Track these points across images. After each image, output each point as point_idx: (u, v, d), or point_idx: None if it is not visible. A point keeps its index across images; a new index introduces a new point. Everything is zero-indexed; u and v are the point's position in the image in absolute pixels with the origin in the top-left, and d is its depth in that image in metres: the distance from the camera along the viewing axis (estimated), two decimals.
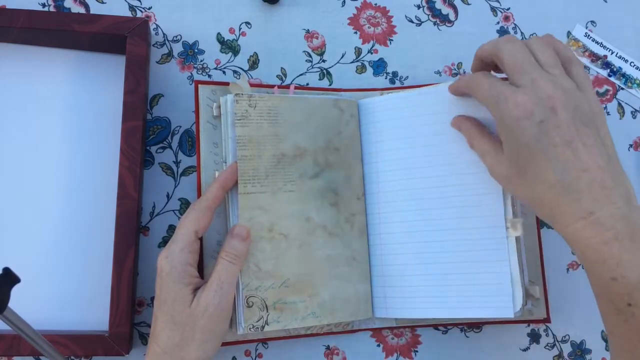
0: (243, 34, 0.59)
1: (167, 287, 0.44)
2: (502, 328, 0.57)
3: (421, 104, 0.52)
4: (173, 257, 0.45)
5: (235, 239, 0.47)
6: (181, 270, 0.45)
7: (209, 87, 0.52)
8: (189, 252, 0.45)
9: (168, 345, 0.44)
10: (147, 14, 0.58)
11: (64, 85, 0.55)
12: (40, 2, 0.56)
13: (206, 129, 0.51)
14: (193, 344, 0.44)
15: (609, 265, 0.38)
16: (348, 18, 0.61)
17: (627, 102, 0.63)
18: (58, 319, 0.52)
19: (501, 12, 0.63)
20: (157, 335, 0.44)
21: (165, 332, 0.44)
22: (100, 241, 0.52)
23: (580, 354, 0.58)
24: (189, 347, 0.44)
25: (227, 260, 0.46)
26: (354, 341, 0.56)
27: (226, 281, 0.45)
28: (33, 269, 0.52)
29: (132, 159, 0.50)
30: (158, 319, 0.45)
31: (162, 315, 0.44)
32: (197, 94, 0.51)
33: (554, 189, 0.39)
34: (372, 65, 0.60)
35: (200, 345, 0.44)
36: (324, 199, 0.51)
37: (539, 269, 0.54)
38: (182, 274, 0.45)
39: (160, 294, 0.45)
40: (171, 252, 0.45)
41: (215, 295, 0.44)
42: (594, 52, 0.63)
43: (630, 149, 0.62)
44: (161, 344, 0.44)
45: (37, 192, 0.53)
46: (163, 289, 0.45)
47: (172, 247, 0.45)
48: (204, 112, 0.51)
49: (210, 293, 0.44)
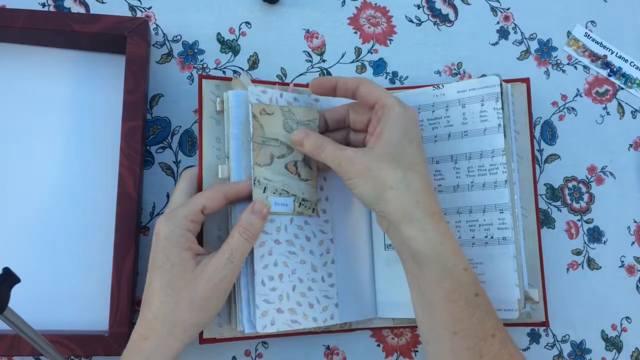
0: (243, 34, 0.59)
1: (165, 251, 0.43)
2: None
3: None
4: (174, 221, 0.44)
5: (255, 215, 0.46)
6: (181, 234, 0.44)
7: (213, 82, 0.52)
8: (192, 221, 0.45)
9: (160, 311, 0.43)
10: (147, 14, 0.58)
11: (64, 85, 0.55)
12: (40, 2, 0.56)
13: (209, 123, 0.51)
14: (188, 310, 0.43)
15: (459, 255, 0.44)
16: (348, 18, 0.61)
17: (627, 102, 0.63)
18: (58, 319, 0.52)
19: (501, 12, 0.63)
20: (150, 301, 0.43)
21: (159, 297, 0.43)
22: (100, 241, 0.52)
23: (580, 354, 0.58)
24: (183, 313, 0.43)
25: (243, 236, 0.45)
26: (354, 341, 0.56)
27: (237, 256, 0.44)
28: (33, 269, 0.52)
29: (132, 159, 0.50)
30: (152, 284, 0.44)
31: (158, 280, 0.43)
32: (200, 89, 0.51)
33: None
34: (372, 65, 0.60)
35: (196, 312, 0.43)
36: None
37: (538, 273, 0.54)
38: (182, 238, 0.44)
39: (156, 258, 0.44)
40: (173, 216, 0.44)
41: (224, 267, 0.43)
42: (594, 52, 0.63)
43: (630, 149, 0.62)
44: (153, 309, 0.43)
45: (37, 192, 0.53)
46: (160, 253, 0.44)
47: (174, 212, 0.44)
48: (207, 106, 0.51)
49: (221, 263, 0.43)
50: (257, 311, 0.47)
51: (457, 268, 0.43)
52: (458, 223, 0.52)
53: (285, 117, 0.50)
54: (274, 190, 0.49)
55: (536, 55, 0.63)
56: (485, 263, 0.51)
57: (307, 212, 0.50)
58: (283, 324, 0.48)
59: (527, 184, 0.55)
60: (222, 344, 0.52)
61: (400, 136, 0.45)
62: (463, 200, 0.52)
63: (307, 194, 0.50)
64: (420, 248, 0.43)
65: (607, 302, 0.59)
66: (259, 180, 0.48)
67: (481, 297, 0.43)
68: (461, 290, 0.42)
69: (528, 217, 0.54)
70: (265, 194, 0.48)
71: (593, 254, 0.60)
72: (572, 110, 0.62)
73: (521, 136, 0.55)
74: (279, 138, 0.49)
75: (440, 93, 0.53)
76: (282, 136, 0.50)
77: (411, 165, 0.45)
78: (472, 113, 0.52)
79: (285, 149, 0.50)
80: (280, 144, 0.50)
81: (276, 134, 0.49)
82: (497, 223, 0.50)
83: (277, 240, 0.48)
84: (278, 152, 0.49)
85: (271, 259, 0.48)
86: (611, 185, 0.61)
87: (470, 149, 0.52)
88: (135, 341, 0.43)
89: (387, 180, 0.44)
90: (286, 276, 0.48)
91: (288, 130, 0.50)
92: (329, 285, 0.50)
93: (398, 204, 0.44)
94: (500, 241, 0.50)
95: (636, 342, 0.59)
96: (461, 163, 0.52)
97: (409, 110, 0.46)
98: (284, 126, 0.50)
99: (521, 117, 0.56)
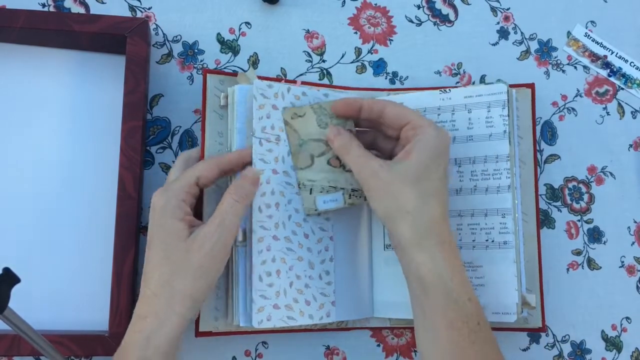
0: (243, 34, 0.59)
1: (160, 222, 0.43)
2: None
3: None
4: (169, 193, 0.44)
5: (244, 180, 0.46)
6: (175, 205, 0.44)
7: (217, 77, 0.52)
8: (187, 192, 0.45)
9: (159, 285, 0.42)
10: (147, 14, 0.58)
11: (64, 85, 0.55)
12: (40, 2, 0.56)
13: (212, 118, 0.51)
14: (184, 279, 0.42)
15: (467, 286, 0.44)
16: (348, 18, 0.61)
17: (627, 102, 0.63)
18: (58, 319, 0.52)
19: (501, 12, 0.63)
20: (149, 278, 0.43)
21: (156, 271, 0.43)
22: (100, 241, 0.52)
23: (580, 354, 0.58)
24: (180, 283, 0.42)
25: (233, 198, 0.45)
26: (353, 341, 0.56)
27: (228, 218, 0.44)
28: (33, 269, 0.52)
29: (132, 159, 0.50)
30: (150, 259, 0.44)
31: (155, 254, 0.43)
32: (205, 83, 0.52)
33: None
34: (372, 65, 0.60)
35: (192, 282, 0.42)
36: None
37: (536, 278, 0.54)
38: (176, 209, 0.44)
39: (153, 232, 0.44)
40: (168, 188, 0.45)
41: (215, 232, 0.43)
42: (594, 52, 0.63)
43: (630, 149, 0.62)
44: (152, 285, 0.43)
45: (37, 192, 0.53)
46: (156, 225, 0.44)
47: (169, 185, 0.45)
48: (211, 101, 0.51)
49: (211, 228, 0.43)
50: (254, 306, 0.47)
51: (462, 298, 0.43)
52: (459, 226, 0.52)
53: (318, 115, 0.50)
54: (320, 189, 0.49)
55: (536, 56, 0.63)
56: (485, 266, 0.51)
57: (358, 201, 0.50)
58: (279, 320, 0.48)
59: (529, 189, 0.55)
60: (222, 344, 0.52)
61: (429, 160, 0.44)
62: (465, 203, 0.52)
63: (356, 184, 0.49)
64: (427, 274, 0.43)
65: (607, 302, 0.59)
66: (303, 184, 0.49)
67: (483, 326, 0.43)
68: (464, 319, 0.42)
69: (529, 222, 0.54)
70: (312, 195, 0.49)
71: (593, 254, 0.60)
72: (572, 111, 0.62)
73: (524, 141, 0.56)
74: (314, 137, 0.50)
75: (447, 97, 0.53)
76: (318, 134, 0.50)
77: (433, 192, 0.44)
78: (478, 118, 0.52)
79: (324, 145, 0.50)
80: (317, 142, 0.50)
81: (312, 133, 0.50)
82: (498, 227, 0.50)
83: (275, 237, 0.48)
84: (317, 151, 0.49)
85: (269, 254, 0.48)
86: (611, 186, 0.61)
87: (475, 153, 0.52)
88: (135, 322, 0.43)
89: (406, 204, 0.43)
90: (283, 272, 0.49)
91: (323, 127, 0.50)
92: (326, 283, 0.50)
93: (412, 229, 0.43)
94: (501, 245, 0.50)
95: (636, 342, 0.59)
96: (465, 167, 0.52)
97: (443, 134, 0.46)
98: (318, 123, 0.50)
99: (525, 122, 0.56)
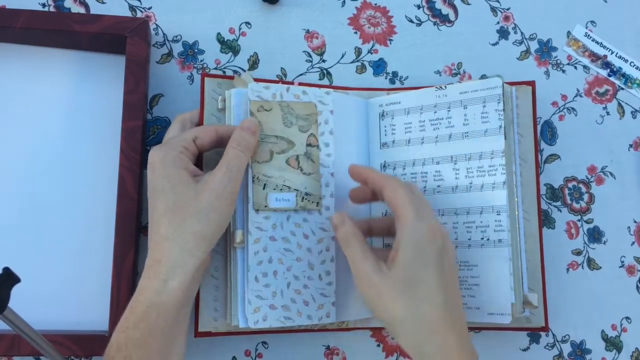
0: (243, 34, 0.59)
1: (163, 173, 0.43)
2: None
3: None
4: (167, 147, 0.44)
5: (245, 131, 0.46)
6: (175, 156, 0.44)
7: (215, 80, 0.52)
8: (185, 148, 0.45)
9: (170, 229, 0.42)
10: (147, 14, 0.58)
11: (64, 85, 0.55)
12: (40, 2, 0.56)
13: (210, 121, 0.51)
14: (196, 221, 0.42)
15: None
16: (348, 18, 0.61)
17: (627, 102, 0.63)
18: (58, 319, 0.52)
19: (501, 12, 0.63)
20: (157, 224, 0.43)
21: (166, 217, 0.42)
22: (100, 241, 0.52)
23: (580, 354, 0.58)
24: (192, 226, 0.42)
25: (237, 149, 0.45)
26: (353, 341, 0.56)
27: (235, 167, 0.44)
28: (33, 268, 0.52)
29: (132, 159, 0.50)
30: (157, 207, 0.43)
31: (162, 202, 0.43)
32: (203, 86, 0.52)
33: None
34: (372, 65, 0.60)
35: (204, 222, 0.42)
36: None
37: (539, 277, 0.54)
38: (177, 159, 0.44)
39: (155, 184, 0.43)
40: (165, 144, 0.45)
41: (223, 178, 0.43)
42: (594, 52, 0.63)
43: (630, 149, 0.62)
44: (162, 230, 0.42)
45: (37, 192, 0.53)
46: (158, 177, 0.43)
47: (166, 142, 0.45)
48: (209, 104, 0.52)
49: (219, 175, 0.43)
50: (249, 307, 0.47)
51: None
52: (455, 224, 0.52)
53: (284, 112, 0.50)
54: (274, 186, 0.49)
55: (536, 56, 0.63)
56: (480, 265, 0.51)
57: (310, 206, 0.50)
58: (275, 320, 0.48)
59: (530, 187, 0.54)
60: (222, 344, 0.52)
61: (414, 258, 0.42)
62: (461, 201, 0.52)
63: (311, 188, 0.50)
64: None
65: (607, 302, 0.59)
66: (258, 178, 0.48)
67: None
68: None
69: (530, 220, 0.54)
70: (265, 191, 0.48)
71: (593, 254, 0.60)
72: (572, 111, 0.62)
73: (525, 139, 0.55)
74: (278, 134, 0.50)
75: (443, 94, 0.53)
76: (281, 132, 0.50)
77: (424, 296, 0.42)
78: (474, 114, 0.52)
79: (285, 144, 0.50)
80: (279, 140, 0.50)
81: (275, 129, 0.50)
82: (493, 225, 0.50)
83: (272, 237, 0.49)
84: (278, 148, 0.50)
85: (266, 255, 0.48)
86: (611, 186, 0.61)
87: (471, 150, 0.52)
88: (150, 266, 0.42)
89: (397, 315, 0.42)
90: (281, 273, 0.49)
91: (287, 126, 0.50)
92: (326, 283, 0.50)
93: (409, 339, 0.42)
94: (495, 243, 0.50)
95: (636, 342, 0.59)
96: (460, 164, 0.52)
97: (425, 224, 0.43)
98: (284, 121, 0.50)
99: (525, 120, 0.55)
